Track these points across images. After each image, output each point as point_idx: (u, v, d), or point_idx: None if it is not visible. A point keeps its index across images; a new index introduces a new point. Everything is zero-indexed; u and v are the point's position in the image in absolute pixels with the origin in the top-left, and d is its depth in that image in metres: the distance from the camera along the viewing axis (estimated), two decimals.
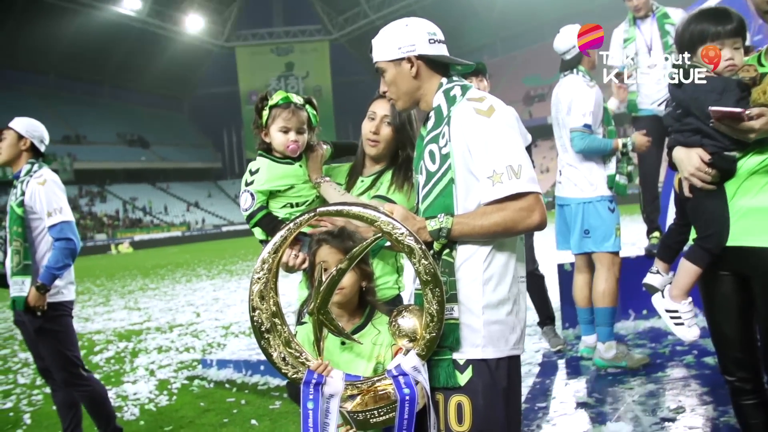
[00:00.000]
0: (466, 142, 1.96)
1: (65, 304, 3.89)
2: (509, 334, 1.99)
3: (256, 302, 1.92)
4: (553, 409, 3.84)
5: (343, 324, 2.12)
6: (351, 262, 1.94)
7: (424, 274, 1.82)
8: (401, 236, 1.81)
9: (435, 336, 1.88)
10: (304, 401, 1.90)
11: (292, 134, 2.56)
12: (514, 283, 2.02)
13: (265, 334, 1.93)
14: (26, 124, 4.00)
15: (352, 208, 1.86)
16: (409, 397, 1.88)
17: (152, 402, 5.36)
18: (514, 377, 2.04)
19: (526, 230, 1.94)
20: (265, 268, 1.91)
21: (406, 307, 2.00)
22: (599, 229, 4.52)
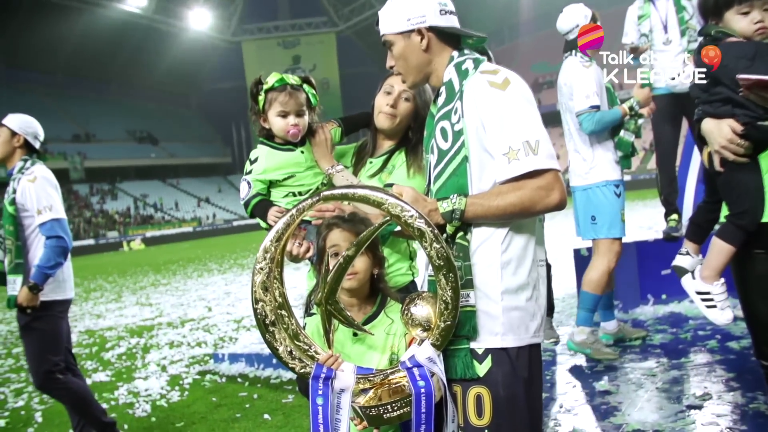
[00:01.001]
0: (479, 117, 1.83)
1: (57, 303, 3.81)
2: (529, 321, 1.87)
3: (259, 294, 1.81)
4: (573, 398, 3.72)
5: (354, 314, 2.01)
6: (358, 247, 1.82)
7: (437, 259, 1.70)
8: (411, 219, 1.69)
9: (450, 324, 1.76)
10: (313, 397, 1.79)
11: (291, 118, 2.42)
12: (534, 267, 1.90)
13: (269, 327, 1.82)
14: (20, 120, 3.94)
15: (357, 191, 1.74)
16: (425, 390, 1.77)
17: (164, 398, 5.29)
18: (536, 367, 1.92)
19: (544, 210, 1.81)
20: (268, 258, 1.80)
21: (419, 295, 1.88)
22: (606, 215, 4.40)
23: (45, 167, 3.94)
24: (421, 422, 1.76)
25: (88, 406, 3.92)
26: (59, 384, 3.80)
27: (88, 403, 3.93)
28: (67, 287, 3.89)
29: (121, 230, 50.71)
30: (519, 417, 1.84)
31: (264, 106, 2.45)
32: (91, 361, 7.19)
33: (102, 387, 5.91)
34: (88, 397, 3.94)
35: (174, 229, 52.13)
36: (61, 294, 3.83)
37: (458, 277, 1.72)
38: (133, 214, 56.17)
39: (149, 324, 9.48)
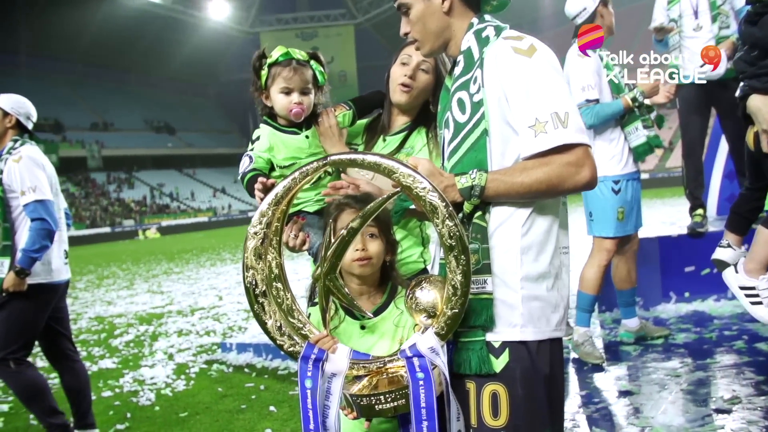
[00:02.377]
0: (502, 87, 1.65)
1: (39, 288, 3.70)
2: (551, 313, 1.70)
3: (251, 260, 1.64)
4: (592, 398, 3.54)
5: (363, 303, 1.84)
6: (364, 220, 1.64)
7: (448, 238, 1.52)
8: (423, 191, 1.51)
9: (458, 313, 1.58)
10: (301, 378, 1.62)
11: (294, 96, 2.23)
12: (557, 254, 1.72)
13: (258, 298, 1.65)
14: (12, 100, 3.87)
15: (367, 156, 1.57)
16: (423, 383, 1.59)
17: (169, 386, 5.18)
18: (557, 363, 1.75)
19: (573, 189, 1.63)
20: (263, 222, 1.62)
21: (427, 278, 1.71)
22: (600, 212, 4.27)
23: (35, 148, 3.86)
24: (422, 418, 1.59)
25: (34, 401, 3.77)
26: (7, 372, 3.68)
27: (37, 398, 3.77)
28: (52, 271, 3.78)
29: (137, 219, 50.99)
30: (539, 418, 1.66)
31: (266, 81, 2.26)
32: (99, 348, 7.11)
33: (108, 374, 5.81)
34: (39, 393, 3.77)
35: (189, 219, 52.31)
36: (43, 277, 3.73)
37: (470, 260, 1.54)
38: (149, 203, 56.46)
39: (159, 312, 9.39)
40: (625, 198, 4.26)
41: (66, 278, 3.93)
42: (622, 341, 4.52)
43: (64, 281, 3.92)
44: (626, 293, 4.56)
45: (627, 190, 4.26)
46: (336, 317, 1.86)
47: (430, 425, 1.58)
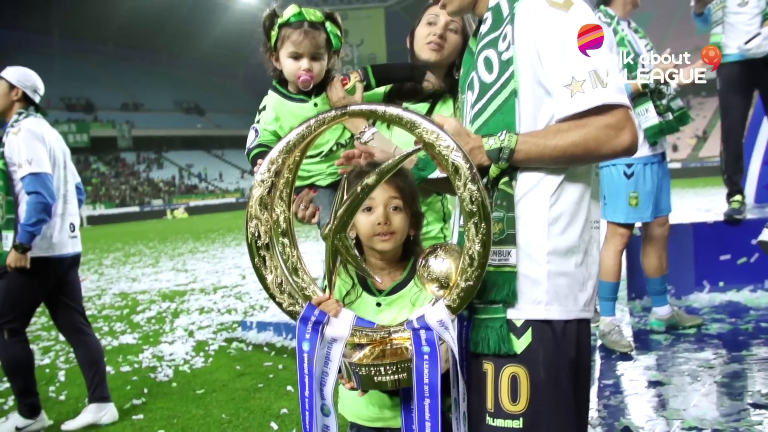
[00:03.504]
0: (535, 44, 1.50)
1: (39, 261, 3.66)
2: (579, 292, 1.55)
3: (255, 210, 1.50)
4: (621, 387, 3.38)
5: (382, 278, 1.71)
6: (380, 177, 1.50)
7: (469, 203, 1.37)
8: (446, 150, 1.37)
9: (472, 285, 1.43)
10: (299, 341, 1.50)
11: (304, 61, 2.07)
12: (587, 227, 1.57)
13: (260, 250, 1.52)
14: (18, 73, 3.84)
15: (388, 108, 1.42)
16: (428, 357, 1.45)
17: (187, 363, 5.14)
18: (585, 346, 1.60)
19: (611, 154, 1.48)
20: (272, 171, 1.49)
21: (444, 246, 1.56)
22: (611, 196, 4.10)
23: (38, 120, 3.82)
24: (425, 395, 1.45)
25: (16, 376, 3.76)
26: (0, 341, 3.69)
27: (20, 373, 3.76)
28: (53, 245, 3.75)
29: (166, 199, 51.56)
30: (562, 405, 1.51)
31: (276, 43, 2.11)
32: (121, 323, 7.13)
33: (128, 349, 5.81)
34: (23, 370, 3.76)
35: (217, 200, 52.70)
36: (43, 251, 3.70)
37: (491, 229, 1.39)
38: (177, 183, 57.04)
39: (182, 289, 9.42)
40: (640, 183, 4.06)
41: (72, 252, 3.88)
42: (652, 330, 4.36)
43: (69, 255, 3.86)
44: (656, 281, 4.38)
45: (643, 174, 4.06)
46: (353, 292, 1.74)
47: (432, 404, 1.45)
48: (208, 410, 3.93)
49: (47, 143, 3.75)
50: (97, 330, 6.78)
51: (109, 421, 3.83)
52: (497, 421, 1.51)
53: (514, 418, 1.49)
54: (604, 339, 4.09)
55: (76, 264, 4.00)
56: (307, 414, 1.51)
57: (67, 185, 3.92)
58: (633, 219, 4.13)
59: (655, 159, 4.10)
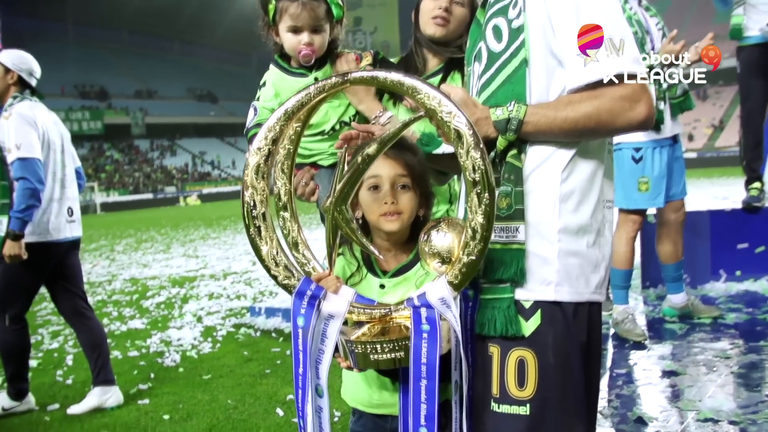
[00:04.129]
0: (547, 10, 1.41)
1: (31, 246, 3.62)
2: (590, 273, 1.47)
3: (251, 178, 1.43)
4: (635, 376, 3.29)
5: (388, 260, 1.64)
6: (381, 146, 1.42)
7: (472, 172, 1.29)
8: (448, 116, 1.28)
9: (475, 260, 1.34)
10: (294, 316, 1.43)
11: (304, 35, 1.99)
12: (600, 206, 1.49)
13: (255, 220, 1.45)
14: (14, 56, 3.80)
15: (390, 74, 1.34)
16: (427, 336, 1.36)
17: (195, 348, 5.11)
18: (596, 330, 1.52)
19: (626, 127, 1.40)
20: (269, 138, 1.42)
21: (447, 220, 1.48)
22: (620, 182, 3.96)
23: (32, 104, 3.78)
24: (422, 376, 1.36)
25: (10, 361, 3.78)
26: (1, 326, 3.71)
27: (14, 359, 3.78)
28: (49, 230, 3.72)
29: (179, 186, 51.81)
30: (571, 391, 1.44)
31: (274, 16, 2.03)
32: (130, 308, 7.12)
33: (136, 334, 5.79)
34: (18, 355, 3.78)
35: (230, 187, 52.85)
36: (38, 237, 3.67)
37: (494, 200, 1.31)
38: (190, 170, 57.28)
39: (192, 275, 9.41)
40: (649, 167, 3.94)
41: (70, 237, 3.85)
42: (667, 319, 4.26)
43: (67, 240, 3.83)
44: (671, 267, 4.27)
45: (652, 158, 3.94)
46: (357, 274, 1.66)
47: (429, 385, 1.36)
48: (213, 395, 3.89)
49: (40, 127, 3.70)
50: (106, 315, 6.79)
51: (113, 404, 3.81)
52: (503, 407, 1.43)
53: (521, 405, 1.42)
54: (618, 327, 4.00)
55: (75, 248, 3.98)
56: (300, 392, 1.44)
57: (65, 169, 3.89)
58: (644, 205, 4.02)
59: (666, 142, 3.97)
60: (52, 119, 3.86)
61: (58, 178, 3.81)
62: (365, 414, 1.71)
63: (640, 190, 3.95)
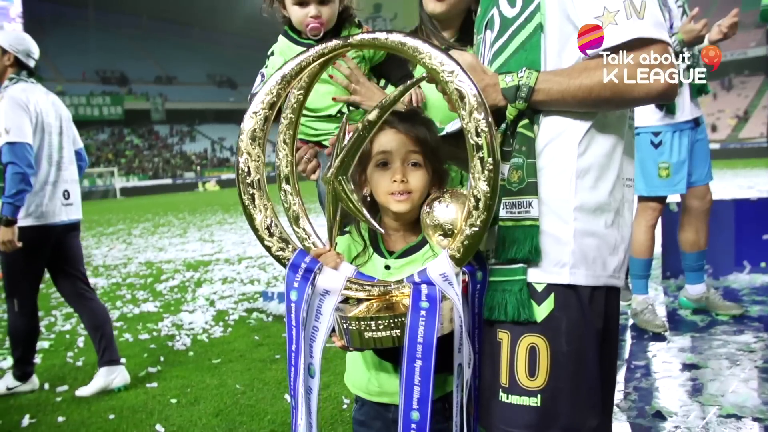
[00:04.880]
0: None
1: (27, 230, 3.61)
2: (608, 255, 1.37)
3: (246, 144, 1.36)
4: (654, 369, 3.18)
5: (396, 242, 1.55)
6: (383, 111, 1.33)
7: (474, 135, 1.19)
8: (450, 76, 1.19)
9: (478, 232, 1.25)
10: (287, 290, 1.35)
11: (311, 8, 1.88)
12: (619, 184, 1.38)
13: (249, 187, 1.38)
14: (10, 37, 3.77)
15: (390, 35, 1.25)
16: (425, 314, 1.27)
17: (206, 332, 5.07)
18: (613, 318, 1.42)
19: (644, 98, 1.29)
20: (266, 102, 1.34)
21: (450, 191, 1.40)
22: (639, 168, 3.80)
23: (27, 86, 3.73)
24: (416, 356, 1.27)
25: (18, 345, 3.80)
26: (11, 310, 3.75)
27: (22, 344, 3.80)
28: (44, 213, 3.69)
29: (198, 171, 52.12)
30: (585, 381, 1.34)
31: None
32: (144, 292, 7.12)
33: (148, 317, 5.77)
34: (25, 340, 3.80)
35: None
36: (33, 220, 3.65)
37: (498, 166, 1.21)
38: (209, 156, 57.54)
39: (207, 259, 9.40)
40: (668, 152, 3.79)
41: (66, 220, 3.82)
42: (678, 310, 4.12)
43: (63, 223, 3.80)
44: (691, 257, 4.12)
45: (672, 143, 3.79)
46: (363, 254, 1.57)
47: (424, 366, 1.27)
48: (222, 380, 3.84)
49: (33, 110, 3.65)
50: (120, 298, 6.79)
51: (120, 384, 3.79)
52: (512, 397, 1.34)
53: (531, 395, 1.32)
54: (637, 318, 3.88)
55: (74, 231, 3.95)
56: (293, 370, 1.36)
57: (62, 152, 3.84)
58: (664, 191, 3.87)
59: (686, 126, 3.82)
60: (51, 100, 3.82)
61: (54, 161, 3.77)
62: (367, 402, 1.63)
63: (660, 176, 3.81)
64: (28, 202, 3.59)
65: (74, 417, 3.42)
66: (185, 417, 3.29)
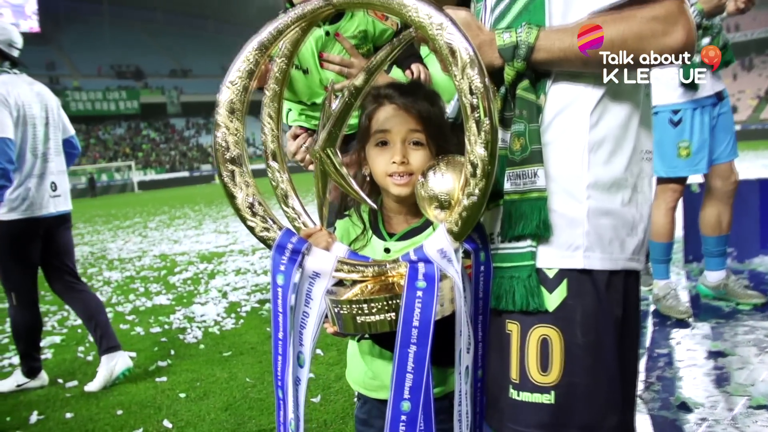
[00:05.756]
0: None
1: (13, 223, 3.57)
2: (626, 236, 1.24)
3: (223, 117, 1.25)
4: (676, 357, 3.04)
5: (397, 224, 1.45)
6: (369, 76, 1.23)
7: (468, 94, 1.06)
8: (438, 30, 1.06)
9: (476, 202, 1.11)
10: (273, 272, 1.25)
11: None
12: (636, 157, 1.26)
13: (228, 164, 1.27)
14: None
15: None
16: (422, 295, 1.15)
17: (218, 324, 5.00)
18: (632, 304, 1.29)
19: (660, 54, 1.15)
20: (243, 70, 1.24)
21: (446, 158, 1.27)
22: (657, 147, 3.58)
23: (7, 77, 3.64)
24: (411, 341, 1.14)
25: (21, 339, 3.79)
26: (10, 305, 3.74)
27: (25, 338, 3.78)
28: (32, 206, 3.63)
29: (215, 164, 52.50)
30: (603, 375, 1.22)
31: None
32: (157, 284, 7.08)
33: (160, 310, 5.72)
34: (27, 334, 3.78)
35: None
36: (21, 212, 3.60)
37: (496, 126, 1.07)
38: None
39: (221, 251, 9.36)
40: (689, 131, 3.61)
41: (54, 212, 3.76)
42: None
43: (51, 215, 3.75)
44: (712, 241, 3.91)
45: (692, 120, 3.60)
46: (362, 237, 1.48)
47: (419, 352, 1.15)
48: (232, 373, 3.77)
49: (13, 104, 3.56)
50: (133, 291, 6.76)
51: (123, 368, 3.76)
52: (522, 394, 1.22)
53: (544, 392, 1.20)
54: (659, 304, 3.73)
55: (63, 223, 3.89)
56: (280, 359, 1.26)
57: (48, 143, 3.77)
58: (685, 172, 3.70)
59: (708, 101, 3.63)
60: (36, 90, 3.74)
61: (39, 153, 3.70)
62: (369, 400, 1.52)
63: (680, 156, 3.64)
64: (14, 195, 3.55)
65: (82, 413, 3.37)
66: (194, 412, 3.22)
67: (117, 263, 9.09)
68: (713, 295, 3.89)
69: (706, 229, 3.90)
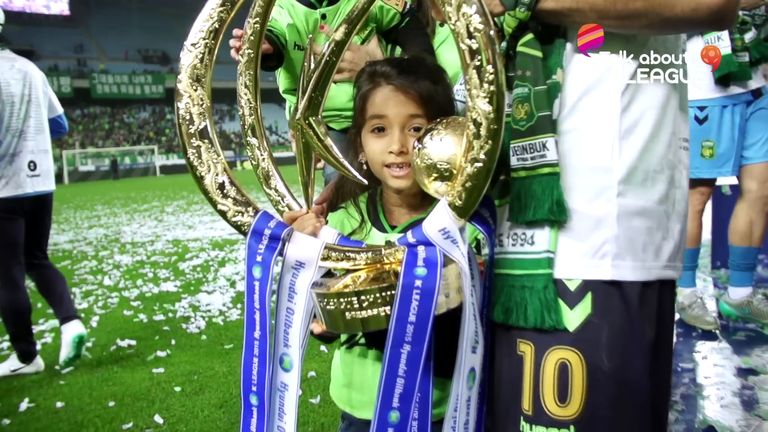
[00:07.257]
0: None
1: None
2: (662, 239, 1.05)
3: (185, 84, 1.09)
4: (703, 373, 2.82)
5: (400, 216, 1.28)
6: (351, 27, 1.06)
7: (466, 37, 0.86)
8: None
9: (483, 168, 0.92)
10: (249, 264, 1.09)
11: None
12: (673, 145, 1.07)
13: (192, 138, 1.11)
14: None
15: None
16: (421, 284, 0.95)
17: (222, 315, 4.87)
18: (667, 321, 1.10)
19: (692, 15, 0.95)
20: (206, 30, 1.08)
21: (445, 120, 1.08)
22: None
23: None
24: (405, 339, 0.96)
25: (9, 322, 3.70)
26: None
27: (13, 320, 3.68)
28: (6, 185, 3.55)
29: (237, 150, 52.56)
30: (632, 407, 1.02)
31: None
32: (166, 270, 6.97)
33: (166, 297, 5.61)
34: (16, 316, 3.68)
35: (287, 152, 53.18)
36: None
37: (500, 74, 0.87)
38: None
39: (234, 238, 9.24)
40: (715, 130, 3.32)
41: (32, 192, 3.67)
42: None
43: (29, 195, 3.66)
44: (740, 252, 3.54)
45: (720, 119, 3.30)
46: (360, 230, 1.31)
47: (413, 353, 0.97)
48: (231, 367, 3.62)
49: None
50: (141, 276, 6.66)
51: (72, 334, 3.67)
52: (537, 429, 1.03)
53: (562, 426, 1.01)
54: (684, 314, 3.48)
55: (44, 203, 3.81)
56: (256, 361, 1.09)
57: (28, 121, 3.68)
58: (707, 174, 3.41)
59: (740, 99, 3.30)
60: (18, 67, 3.65)
61: (15, 130, 3.61)
62: (355, 421, 1.33)
63: (703, 156, 3.36)
64: None
65: (74, 402, 3.26)
66: (187, 407, 3.08)
67: (129, 247, 9.02)
68: (736, 315, 3.55)
69: (735, 238, 3.58)
